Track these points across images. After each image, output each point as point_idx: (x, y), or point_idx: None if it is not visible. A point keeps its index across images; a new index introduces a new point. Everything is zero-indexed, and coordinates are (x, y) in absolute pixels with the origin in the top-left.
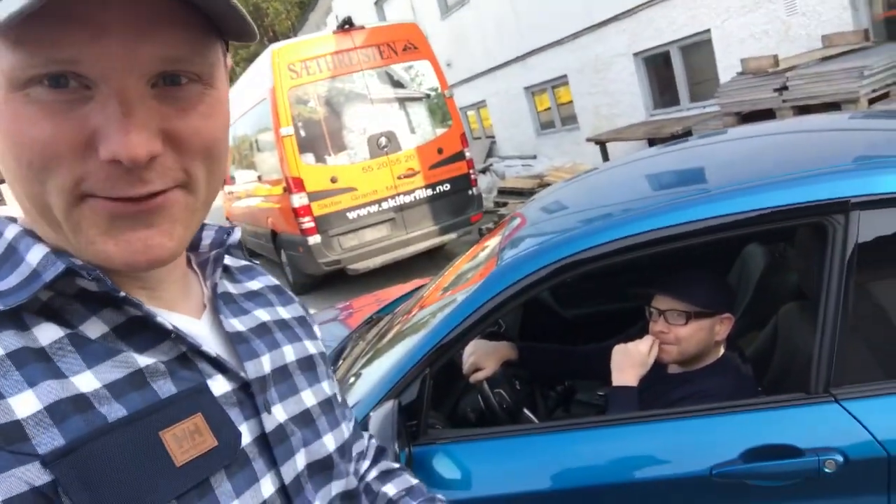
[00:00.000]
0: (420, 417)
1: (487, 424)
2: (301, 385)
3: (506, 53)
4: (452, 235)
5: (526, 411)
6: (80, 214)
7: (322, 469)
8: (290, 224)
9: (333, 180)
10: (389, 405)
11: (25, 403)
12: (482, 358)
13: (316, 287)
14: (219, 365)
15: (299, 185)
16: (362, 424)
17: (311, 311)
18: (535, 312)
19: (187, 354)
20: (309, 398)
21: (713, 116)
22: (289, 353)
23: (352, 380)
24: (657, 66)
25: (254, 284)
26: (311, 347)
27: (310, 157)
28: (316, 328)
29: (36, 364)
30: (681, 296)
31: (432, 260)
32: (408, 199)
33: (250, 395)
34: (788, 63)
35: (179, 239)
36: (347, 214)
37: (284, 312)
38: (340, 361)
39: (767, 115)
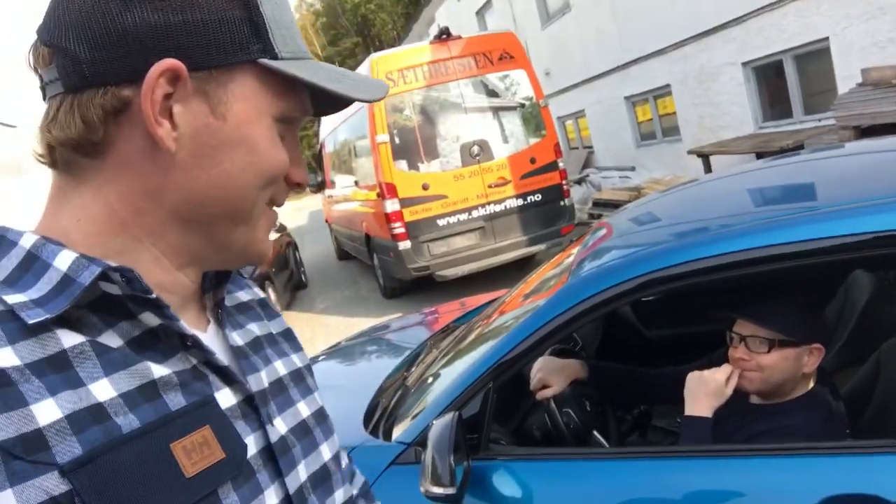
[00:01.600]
0: (481, 431)
1: (554, 444)
2: (296, 397)
3: (606, 62)
4: (542, 246)
5: (596, 434)
6: (264, 216)
7: (322, 479)
8: (383, 229)
9: (425, 187)
10: (449, 416)
11: (47, 411)
12: (550, 375)
13: (405, 292)
14: (226, 377)
15: (392, 190)
16: (424, 433)
17: (398, 314)
18: (617, 330)
19: (198, 367)
20: (304, 409)
21: (829, 130)
22: (280, 368)
23: (423, 385)
24: (768, 76)
25: (243, 296)
26: (297, 361)
27: (403, 164)
28: (299, 340)
29: (56, 373)
30: (764, 321)
31: (521, 270)
32: (498, 207)
33: (254, 407)
34: None
35: None
36: (438, 221)
37: (271, 327)
38: (414, 367)
39: (890, 129)
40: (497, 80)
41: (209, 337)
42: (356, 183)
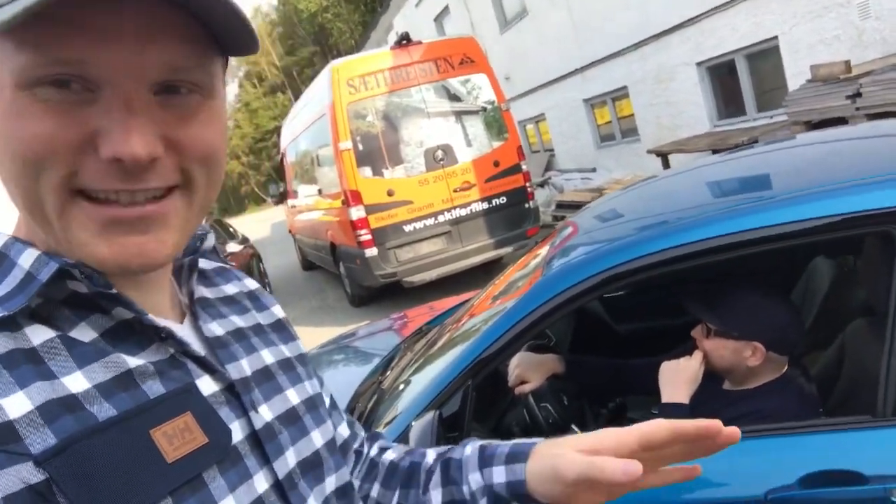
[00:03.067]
0: (462, 429)
1: None
2: (284, 384)
3: (565, 66)
4: (508, 249)
5: (574, 427)
6: (71, 215)
7: (312, 466)
8: (348, 236)
9: (390, 193)
10: (430, 416)
11: (17, 404)
12: (527, 370)
13: (373, 299)
14: (205, 366)
15: (357, 198)
16: (404, 434)
17: (366, 321)
18: (588, 326)
19: (175, 356)
20: (293, 396)
21: (781, 126)
22: (267, 356)
23: (400, 388)
24: (721, 75)
25: (230, 289)
26: (286, 350)
27: (367, 171)
28: (293, 330)
29: (26, 366)
30: (701, 310)
31: (488, 273)
32: (464, 212)
33: (236, 395)
34: (862, 69)
35: (175, 244)
36: (404, 227)
37: (259, 318)
38: (389, 371)
39: (839, 123)
40: (458, 85)
41: (185, 328)
42: (320, 192)
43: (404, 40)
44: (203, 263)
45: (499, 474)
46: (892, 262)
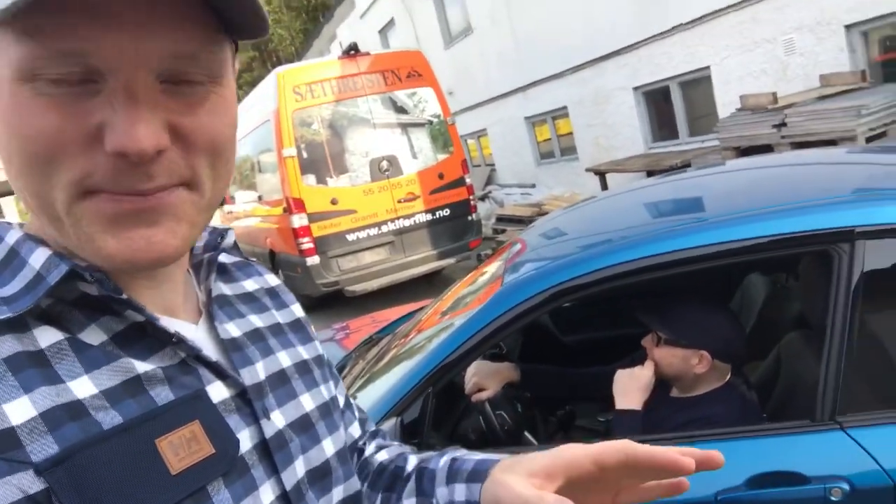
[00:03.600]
0: (421, 436)
1: (488, 446)
2: (299, 389)
3: (507, 84)
4: (451, 260)
5: (527, 434)
6: (83, 210)
7: (322, 476)
8: (289, 244)
9: (334, 202)
10: (392, 422)
11: (20, 410)
12: (484, 378)
13: (313, 308)
14: (217, 371)
15: (300, 205)
16: None
17: None
18: (535, 337)
19: (187, 360)
20: (308, 402)
21: (712, 151)
22: (283, 359)
23: (356, 396)
24: (657, 100)
25: (249, 285)
26: (304, 352)
27: (311, 179)
28: (312, 330)
29: (32, 369)
30: (652, 320)
31: (430, 284)
32: (407, 222)
33: (248, 401)
34: (787, 100)
35: (184, 237)
36: (347, 236)
37: (279, 317)
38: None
39: (766, 150)
40: (405, 97)
41: (199, 329)
42: (260, 198)
43: (352, 50)
44: (224, 258)
45: (460, 492)
46: (831, 279)
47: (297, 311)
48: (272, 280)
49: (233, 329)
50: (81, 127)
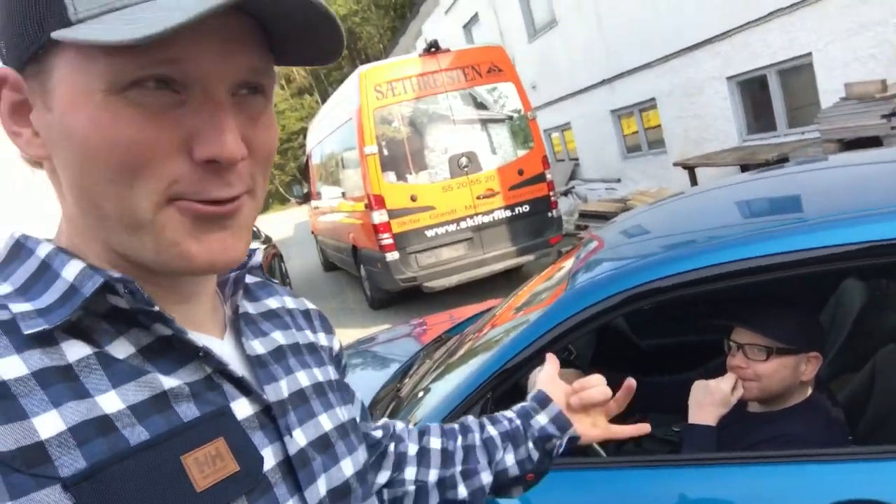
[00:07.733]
0: None
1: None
2: (318, 409)
3: (592, 76)
4: (530, 257)
5: (594, 444)
6: (168, 216)
7: (342, 495)
8: (370, 240)
9: (413, 199)
10: None
11: (49, 424)
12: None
13: (392, 303)
14: (243, 387)
15: (380, 202)
16: None
17: (385, 325)
18: (610, 340)
19: (212, 376)
20: (326, 422)
21: (812, 143)
22: (302, 379)
23: (419, 395)
24: (752, 90)
25: (271, 303)
26: (319, 375)
27: (391, 176)
28: (325, 355)
29: (61, 383)
30: (762, 330)
31: (509, 281)
32: (486, 219)
33: (272, 418)
34: None
35: (247, 241)
36: (426, 232)
37: (298, 337)
38: (407, 378)
39: (873, 142)
40: (485, 93)
41: (226, 345)
42: (343, 194)
43: (433, 48)
44: (246, 278)
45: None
46: None
47: (311, 335)
48: (290, 303)
49: (258, 346)
50: (173, 135)
